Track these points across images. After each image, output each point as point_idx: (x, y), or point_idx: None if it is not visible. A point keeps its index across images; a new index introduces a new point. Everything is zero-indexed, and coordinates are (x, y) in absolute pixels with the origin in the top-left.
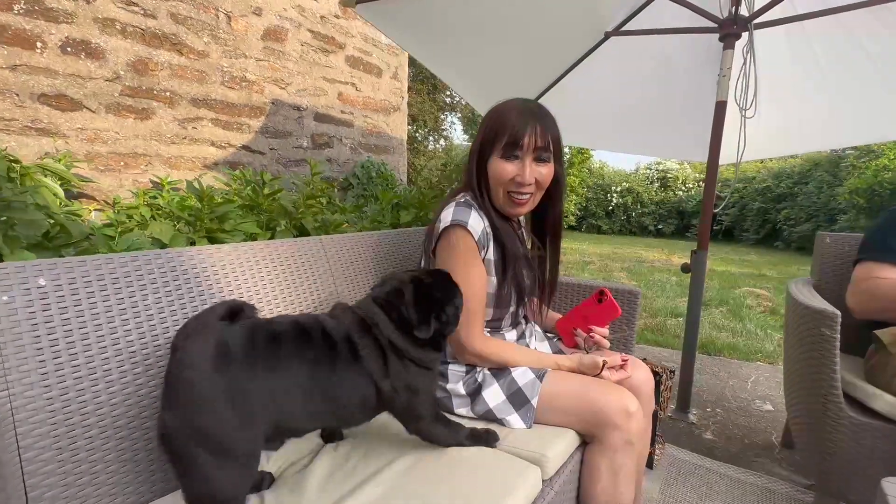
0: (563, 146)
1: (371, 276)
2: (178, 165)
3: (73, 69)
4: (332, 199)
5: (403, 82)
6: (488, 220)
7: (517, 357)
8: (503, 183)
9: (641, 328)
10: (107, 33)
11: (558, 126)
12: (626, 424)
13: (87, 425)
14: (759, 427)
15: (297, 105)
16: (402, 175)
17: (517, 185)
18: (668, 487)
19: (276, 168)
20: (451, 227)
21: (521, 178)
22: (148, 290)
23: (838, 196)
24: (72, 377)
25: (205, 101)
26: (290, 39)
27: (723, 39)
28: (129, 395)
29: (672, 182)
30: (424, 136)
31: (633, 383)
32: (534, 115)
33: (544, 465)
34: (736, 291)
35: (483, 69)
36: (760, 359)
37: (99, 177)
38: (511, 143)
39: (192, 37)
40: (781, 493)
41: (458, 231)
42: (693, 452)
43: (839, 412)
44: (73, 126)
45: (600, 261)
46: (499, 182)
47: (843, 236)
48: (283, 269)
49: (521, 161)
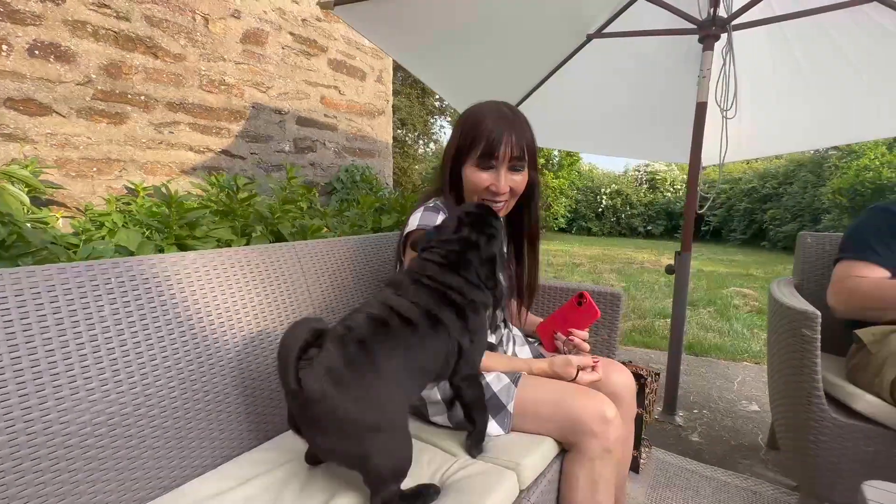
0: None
1: (347, 282)
2: (154, 171)
3: (41, 73)
4: (313, 204)
5: (388, 86)
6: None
7: (488, 362)
8: (478, 191)
9: (629, 329)
10: (78, 36)
11: (537, 130)
12: (604, 432)
13: (35, 445)
14: (745, 428)
15: (279, 109)
16: (387, 179)
17: (492, 193)
18: (654, 491)
19: (257, 173)
20: (416, 232)
21: (495, 188)
22: (104, 301)
23: (822, 196)
24: (17, 394)
25: (182, 104)
26: (270, 42)
27: (702, 41)
28: (82, 412)
29: (660, 183)
30: (414, 139)
31: (613, 388)
32: (509, 124)
33: (521, 474)
34: (723, 291)
35: (465, 72)
36: (747, 359)
37: (70, 183)
38: (486, 154)
39: (168, 39)
40: (767, 495)
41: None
42: (679, 455)
43: (821, 414)
44: (42, 131)
45: (590, 262)
46: (474, 190)
47: (825, 236)
48: (254, 277)
49: (496, 171)
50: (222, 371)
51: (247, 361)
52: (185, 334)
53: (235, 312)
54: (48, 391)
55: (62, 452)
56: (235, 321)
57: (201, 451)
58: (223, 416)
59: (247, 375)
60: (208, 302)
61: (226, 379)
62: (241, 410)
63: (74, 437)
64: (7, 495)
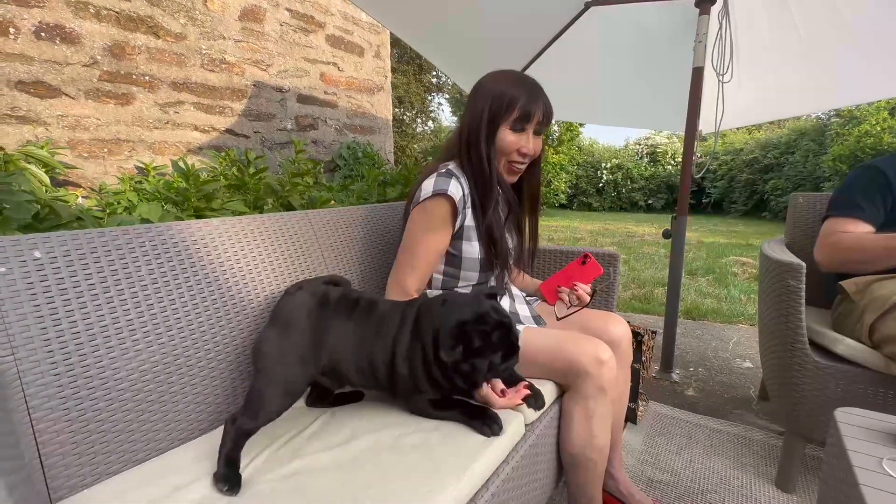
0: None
1: (358, 248)
2: (162, 151)
3: (48, 55)
4: (318, 180)
5: (386, 61)
6: (475, 184)
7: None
8: (507, 153)
9: (629, 298)
10: (80, 17)
11: (521, 78)
12: (598, 372)
13: (92, 387)
14: (738, 383)
15: (280, 87)
16: (388, 155)
17: (521, 154)
18: (651, 439)
19: (261, 151)
20: (431, 197)
21: (525, 150)
22: (140, 262)
23: (823, 164)
24: (73, 343)
25: (185, 84)
26: (268, 19)
27: (699, 5)
28: (130, 359)
29: (661, 156)
30: (412, 118)
31: (611, 336)
32: (539, 91)
33: (526, 412)
34: (722, 261)
35: (464, 44)
36: (742, 321)
37: (83, 164)
38: (522, 117)
39: (169, 18)
40: (757, 439)
41: (437, 199)
42: (675, 408)
43: (805, 358)
44: (54, 113)
45: (591, 237)
46: (504, 152)
47: (816, 195)
48: (272, 243)
49: (525, 133)
50: (249, 327)
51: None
52: (214, 293)
53: (258, 273)
54: (99, 341)
55: (115, 395)
56: (258, 281)
57: (234, 397)
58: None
59: None
60: (232, 264)
61: (252, 334)
62: None
63: (125, 382)
64: (73, 429)
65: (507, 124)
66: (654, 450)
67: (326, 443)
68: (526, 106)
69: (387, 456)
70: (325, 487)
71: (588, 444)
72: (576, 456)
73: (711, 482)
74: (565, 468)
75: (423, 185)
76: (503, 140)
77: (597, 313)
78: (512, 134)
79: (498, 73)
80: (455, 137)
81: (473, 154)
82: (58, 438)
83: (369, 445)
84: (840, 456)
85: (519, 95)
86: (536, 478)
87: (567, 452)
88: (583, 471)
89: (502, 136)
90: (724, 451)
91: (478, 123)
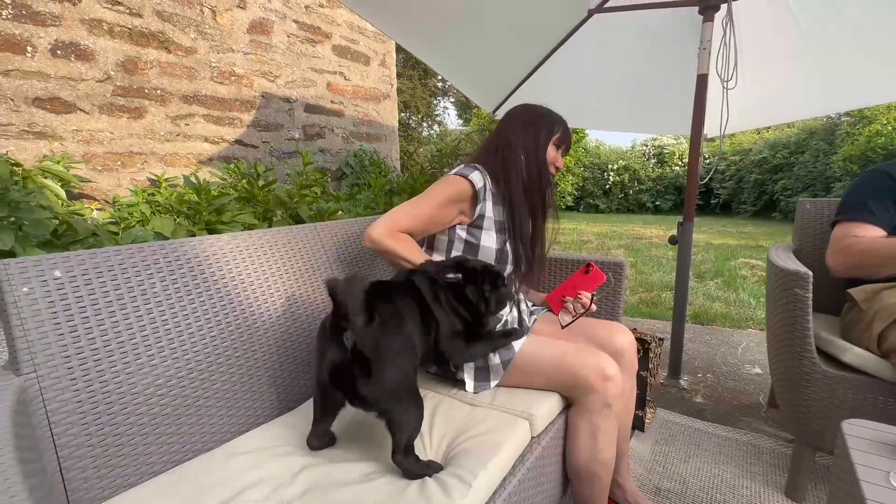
0: None
1: (366, 259)
2: (173, 163)
3: (64, 72)
4: (326, 189)
5: (392, 69)
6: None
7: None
8: (550, 165)
9: (637, 302)
10: (94, 34)
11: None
12: (604, 388)
13: (110, 402)
14: (747, 389)
15: (287, 97)
16: (394, 162)
17: (556, 168)
18: (658, 447)
19: (269, 161)
20: (452, 175)
21: (559, 164)
22: (155, 279)
23: (833, 164)
24: (92, 359)
25: (195, 97)
26: (275, 31)
27: (702, 12)
28: (146, 374)
29: (668, 158)
30: (418, 122)
31: (616, 347)
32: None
33: (533, 423)
34: (731, 263)
35: (469, 52)
36: (752, 326)
37: (97, 177)
38: (563, 136)
39: (179, 33)
40: (766, 447)
41: (458, 178)
42: (683, 415)
43: (812, 366)
44: (69, 128)
45: (598, 239)
46: (549, 164)
47: (823, 201)
48: (281, 256)
49: (560, 151)
50: (260, 340)
51: (281, 331)
52: (226, 307)
53: (268, 287)
54: (116, 357)
55: (132, 409)
56: (268, 295)
57: (246, 409)
58: (264, 380)
59: (280, 345)
60: (244, 278)
61: (263, 347)
62: (276, 376)
63: (141, 396)
64: (91, 443)
65: (554, 142)
66: (661, 458)
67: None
68: (566, 129)
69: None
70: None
71: (593, 458)
72: (581, 469)
73: (720, 491)
74: (571, 480)
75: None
76: (550, 153)
77: (602, 323)
78: (554, 150)
79: (528, 105)
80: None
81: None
82: (77, 452)
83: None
84: (847, 469)
85: (559, 121)
86: (543, 489)
87: (572, 466)
88: (588, 484)
89: (550, 150)
90: (733, 460)
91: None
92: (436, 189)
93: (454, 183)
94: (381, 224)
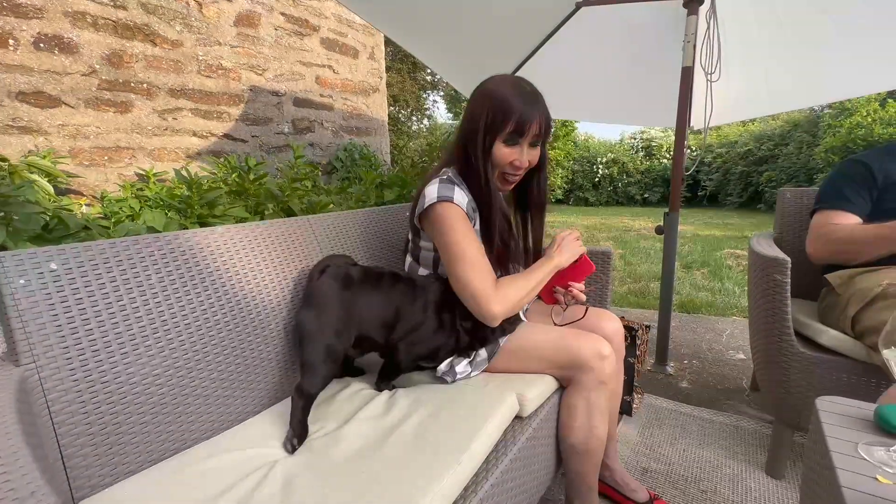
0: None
1: (358, 250)
2: (161, 157)
3: (48, 65)
4: (316, 183)
5: (381, 62)
6: (472, 191)
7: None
8: (501, 166)
9: (625, 292)
10: (78, 27)
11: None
12: (600, 366)
13: (109, 392)
14: (731, 374)
15: (276, 91)
16: (385, 156)
17: (514, 168)
18: (646, 430)
19: (259, 155)
20: (438, 203)
21: (519, 163)
22: (151, 271)
23: (815, 156)
24: (90, 349)
25: (182, 90)
26: (262, 24)
27: (686, 6)
28: (144, 364)
29: (656, 150)
30: (407, 116)
31: (604, 333)
32: (536, 103)
33: (524, 405)
34: (717, 254)
35: (457, 45)
36: (736, 314)
37: (84, 172)
38: (515, 132)
39: (165, 26)
40: (747, 429)
41: (448, 206)
42: (669, 400)
43: (791, 348)
44: (54, 123)
45: (588, 232)
46: (498, 164)
47: (803, 190)
48: (274, 249)
49: (520, 147)
50: (255, 331)
51: (277, 321)
52: (222, 299)
53: (262, 279)
54: (114, 347)
55: (131, 398)
56: (262, 286)
57: (244, 398)
58: (259, 370)
59: (276, 334)
60: (238, 270)
61: (259, 337)
62: (272, 364)
63: (139, 386)
64: (92, 432)
65: (501, 138)
66: (648, 440)
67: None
68: (520, 120)
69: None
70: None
71: (590, 435)
72: (577, 446)
73: (704, 470)
74: (565, 458)
75: (426, 190)
76: (497, 153)
77: (590, 310)
78: (505, 147)
79: (497, 79)
80: (454, 143)
81: (471, 163)
82: (78, 441)
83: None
84: (819, 441)
85: (514, 108)
86: (534, 468)
87: (568, 443)
88: (583, 460)
89: (496, 150)
90: (717, 441)
91: (474, 134)
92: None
93: (449, 211)
94: (485, 301)
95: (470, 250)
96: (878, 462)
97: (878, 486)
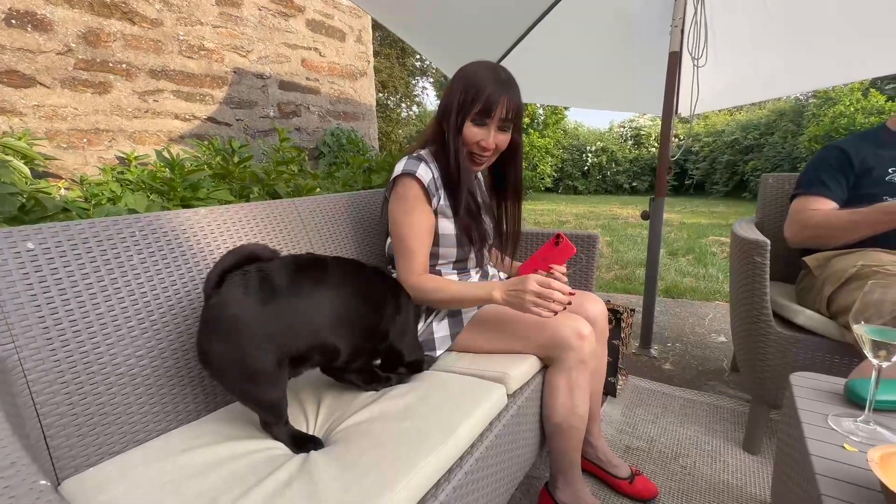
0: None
1: (345, 234)
2: (142, 140)
3: (20, 43)
4: (303, 168)
5: (368, 45)
6: (445, 170)
7: (455, 288)
8: (470, 144)
9: (612, 278)
10: (52, 3)
11: (520, 86)
12: (580, 345)
13: (91, 372)
14: (712, 356)
15: (260, 73)
16: (373, 142)
17: (481, 148)
18: (629, 410)
19: (243, 139)
20: (400, 177)
21: (485, 143)
22: (132, 251)
23: (800, 145)
24: (71, 329)
25: (163, 72)
26: (245, 4)
27: None
28: (126, 345)
29: (645, 139)
30: (396, 102)
31: (588, 314)
32: (506, 87)
33: (507, 383)
34: (702, 241)
35: (446, 29)
36: (719, 299)
37: (62, 154)
38: (483, 112)
39: (143, 4)
40: (726, 407)
41: (406, 180)
42: (653, 381)
43: (768, 328)
44: (29, 103)
45: (576, 220)
46: (467, 143)
47: (784, 176)
48: (259, 230)
49: (487, 128)
50: None
51: None
52: (204, 280)
53: None
54: (96, 328)
55: (114, 379)
56: None
57: None
58: None
59: None
60: (221, 252)
61: None
62: None
63: (122, 367)
64: (74, 413)
65: (470, 117)
66: (631, 420)
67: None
68: (489, 101)
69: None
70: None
71: (571, 413)
72: (559, 424)
73: (684, 447)
74: (548, 436)
75: (396, 166)
76: (467, 132)
77: (575, 293)
78: (474, 127)
79: (476, 63)
80: (432, 124)
81: (444, 140)
82: (61, 421)
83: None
84: (792, 414)
85: (485, 90)
86: (519, 445)
87: (551, 422)
88: (565, 437)
89: (466, 129)
90: (697, 419)
91: (448, 113)
92: (400, 212)
93: (406, 190)
94: (406, 271)
95: (408, 232)
96: (846, 432)
97: (844, 453)
